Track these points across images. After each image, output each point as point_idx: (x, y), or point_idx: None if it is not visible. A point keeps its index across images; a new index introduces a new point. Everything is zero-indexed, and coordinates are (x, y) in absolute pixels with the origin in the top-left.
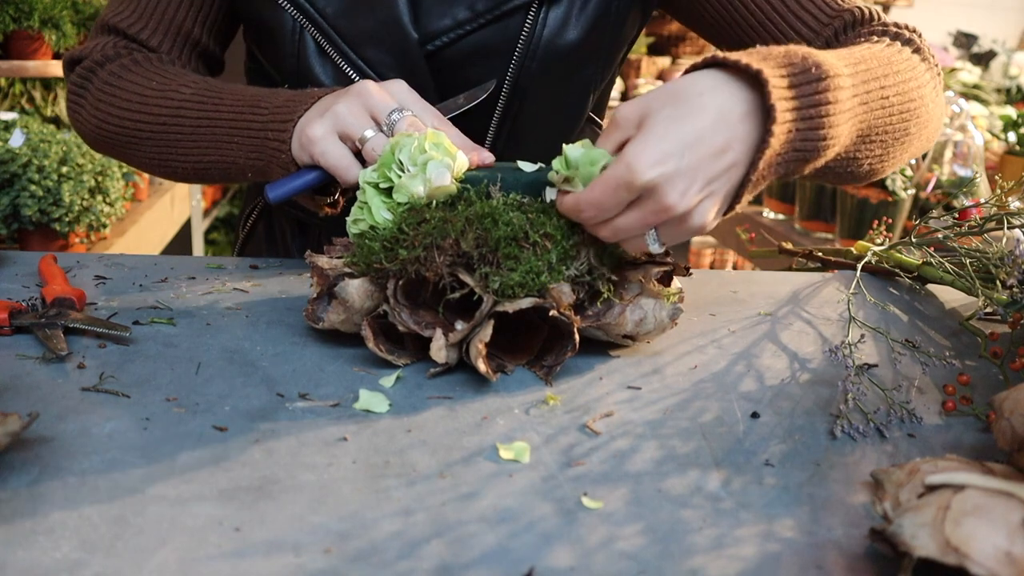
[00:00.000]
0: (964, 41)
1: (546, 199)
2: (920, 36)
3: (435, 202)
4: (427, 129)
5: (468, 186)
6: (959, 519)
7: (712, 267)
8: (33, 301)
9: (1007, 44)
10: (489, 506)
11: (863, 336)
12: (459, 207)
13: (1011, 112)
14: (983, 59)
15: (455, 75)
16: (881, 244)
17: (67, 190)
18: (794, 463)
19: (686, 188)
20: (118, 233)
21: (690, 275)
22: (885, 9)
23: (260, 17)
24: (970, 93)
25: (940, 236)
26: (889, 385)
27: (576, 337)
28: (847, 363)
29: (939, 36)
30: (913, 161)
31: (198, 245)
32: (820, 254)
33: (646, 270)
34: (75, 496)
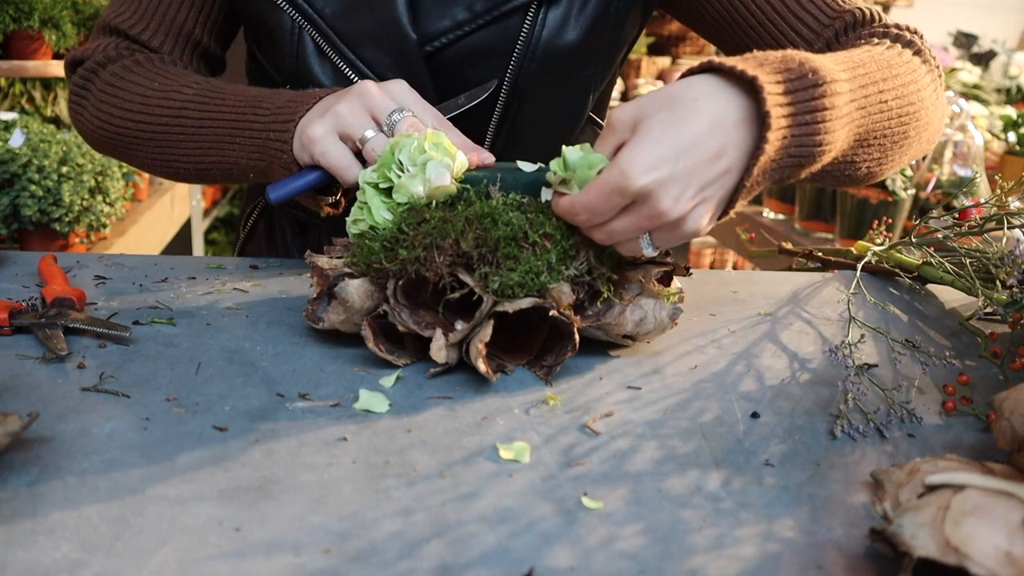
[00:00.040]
0: (964, 41)
1: (542, 199)
2: (921, 38)
3: (435, 202)
4: (427, 129)
5: (468, 186)
6: (959, 519)
7: (712, 267)
8: (33, 301)
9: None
10: (489, 506)
11: (863, 336)
12: (459, 207)
13: (1011, 112)
14: (983, 59)
15: (454, 76)
16: (881, 244)
17: (67, 190)
18: (794, 463)
19: (680, 194)
20: (118, 233)
21: (690, 275)
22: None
23: (259, 17)
24: (970, 93)
25: (940, 236)
26: (889, 385)
27: (576, 337)
28: (847, 363)
29: (939, 36)
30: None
31: (198, 245)
32: (820, 254)
33: (646, 270)
34: (75, 496)
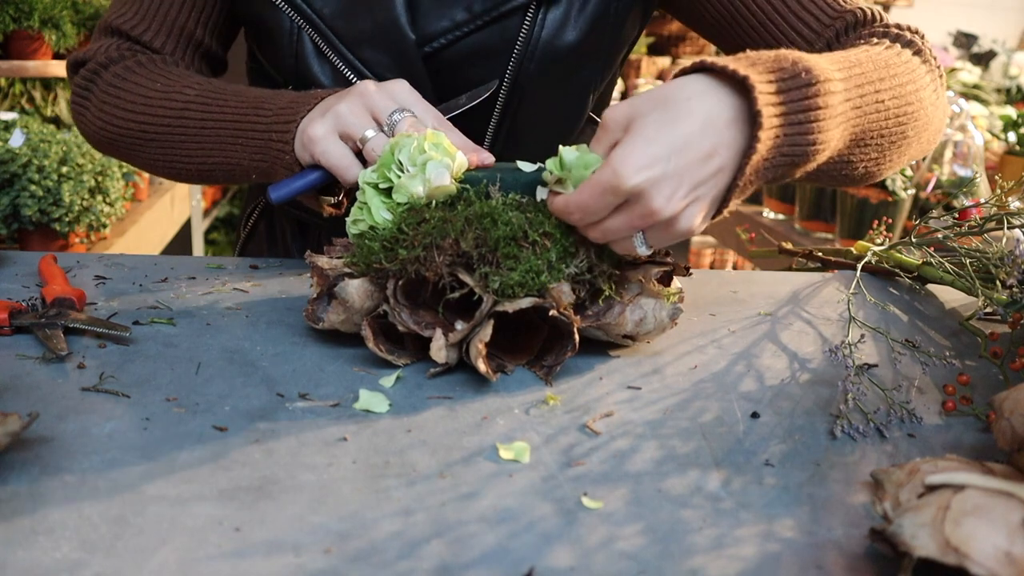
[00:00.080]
0: (964, 41)
1: (537, 198)
2: (922, 38)
3: (435, 202)
4: (427, 130)
5: (467, 186)
6: (959, 519)
7: (712, 267)
8: (33, 301)
9: (1007, 44)
10: (489, 506)
11: (863, 336)
12: (458, 207)
13: (1011, 112)
14: (983, 59)
15: (453, 76)
16: (881, 244)
17: (67, 190)
18: (794, 463)
19: (672, 193)
20: (118, 233)
21: (690, 275)
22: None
23: (259, 18)
24: (970, 93)
25: (940, 236)
26: (889, 385)
27: (576, 337)
28: (847, 363)
29: (939, 36)
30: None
31: (198, 245)
32: (820, 254)
33: (646, 270)
34: (75, 496)
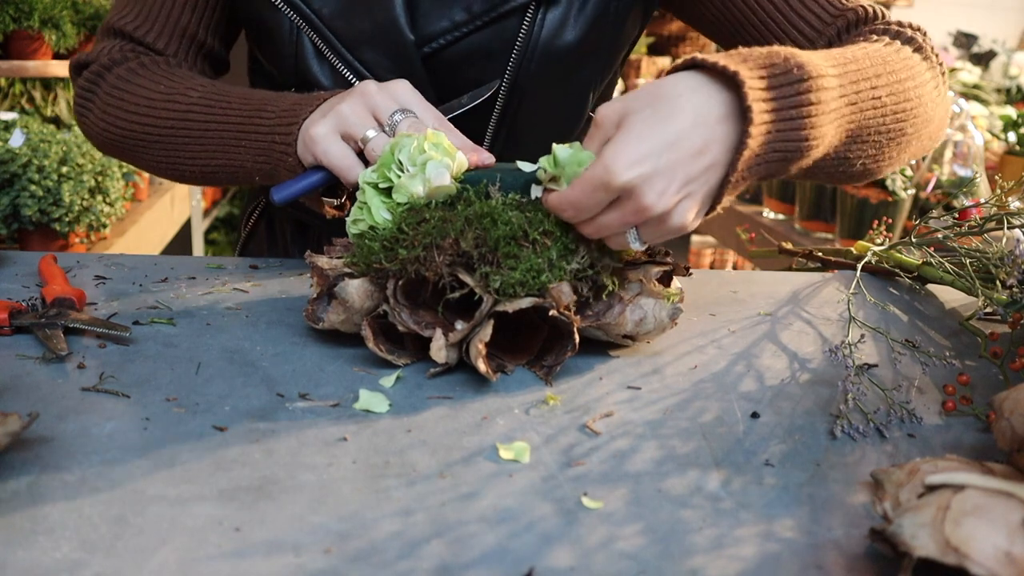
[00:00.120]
0: (964, 41)
1: (531, 196)
2: (924, 35)
3: (435, 202)
4: (427, 130)
5: (467, 186)
6: (959, 519)
7: (712, 267)
8: (33, 301)
9: (1007, 44)
10: (489, 506)
11: (863, 336)
12: (458, 207)
13: (1011, 112)
14: (983, 59)
15: (453, 77)
16: (881, 244)
17: (67, 190)
18: (794, 463)
19: (664, 189)
20: (118, 233)
21: (690, 275)
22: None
23: (259, 18)
24: (970, 93)
25: (940, 236)
26: (889, 385)
27: (576, 337)
28: (847, 363)
29: (939, 36)
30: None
31: (198, 245)
32: (820, 254)
33: (646, 270)
34: (75, 496)
